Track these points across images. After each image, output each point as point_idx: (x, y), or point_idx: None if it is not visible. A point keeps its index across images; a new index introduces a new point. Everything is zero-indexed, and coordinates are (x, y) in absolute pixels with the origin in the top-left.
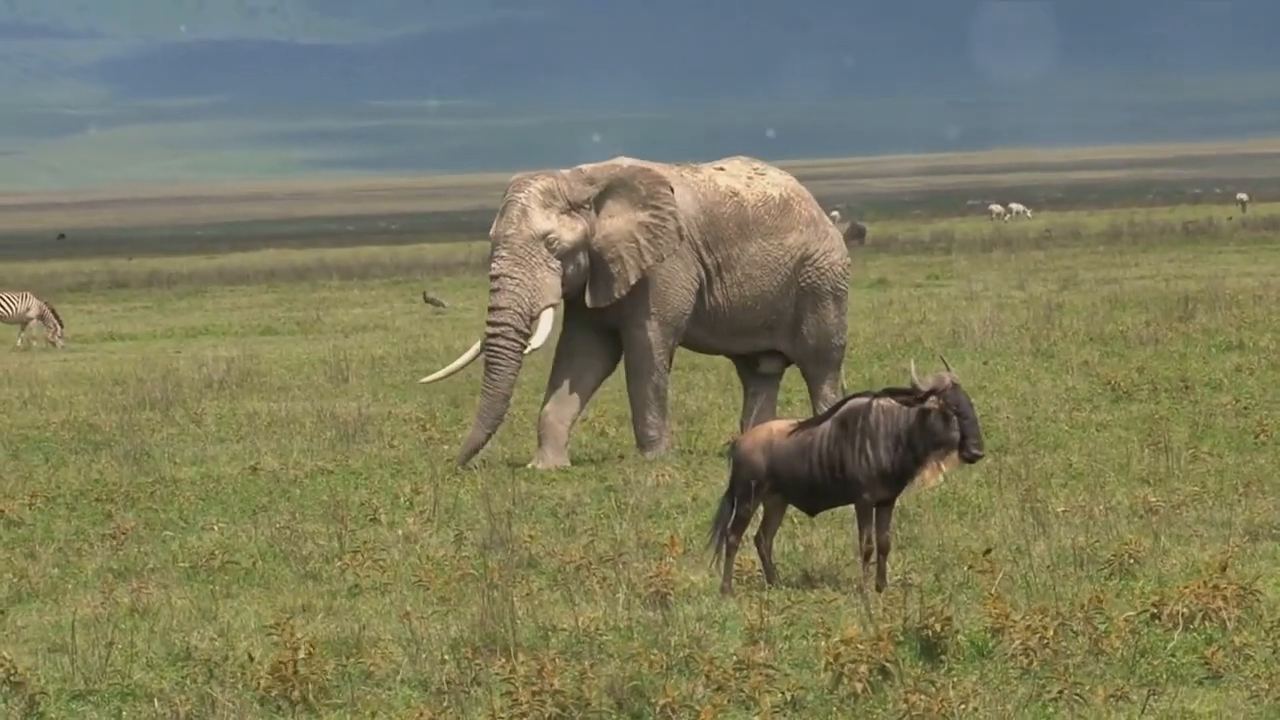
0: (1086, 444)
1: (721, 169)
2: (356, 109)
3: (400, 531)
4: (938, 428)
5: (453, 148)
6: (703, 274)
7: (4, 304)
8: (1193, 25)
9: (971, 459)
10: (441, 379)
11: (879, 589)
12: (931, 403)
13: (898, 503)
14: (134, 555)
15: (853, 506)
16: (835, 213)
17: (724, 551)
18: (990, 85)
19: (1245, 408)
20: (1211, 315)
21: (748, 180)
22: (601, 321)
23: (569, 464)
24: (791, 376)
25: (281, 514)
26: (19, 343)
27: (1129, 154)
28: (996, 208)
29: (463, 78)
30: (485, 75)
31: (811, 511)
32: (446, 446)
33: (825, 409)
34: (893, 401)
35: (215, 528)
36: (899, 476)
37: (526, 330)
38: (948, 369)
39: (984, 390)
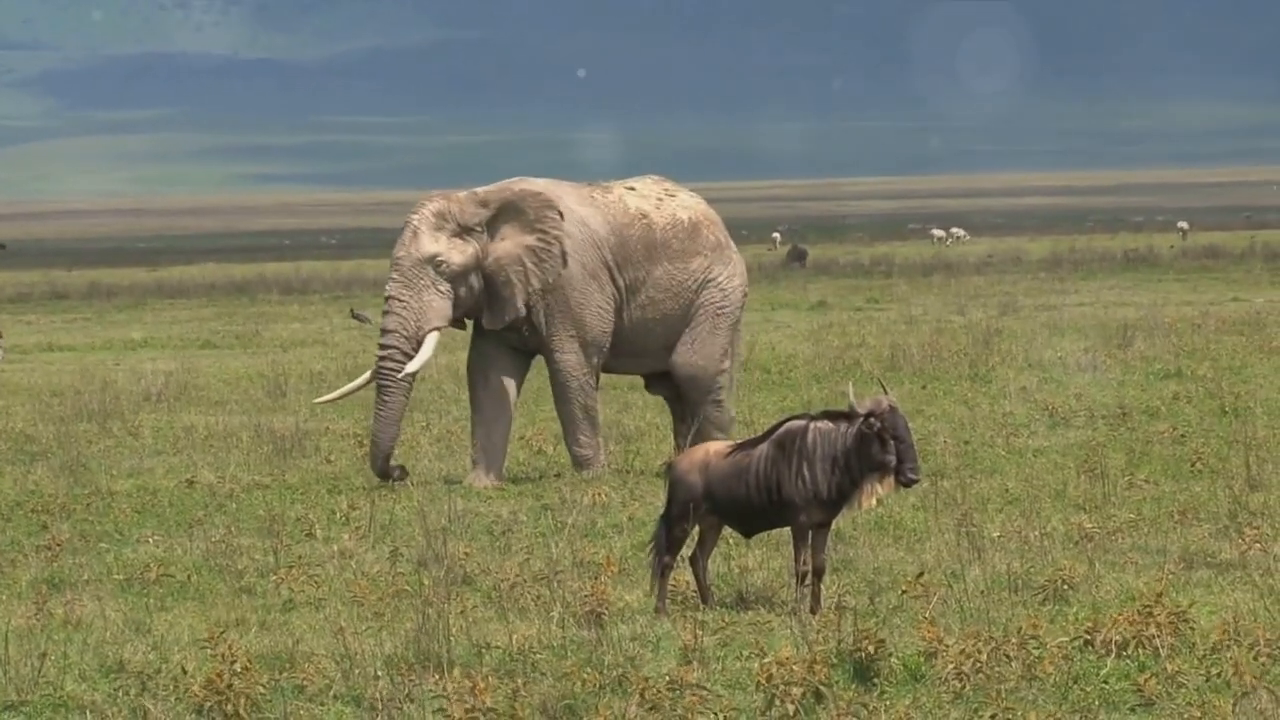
0: (1023, 469)
1: (632, 189)
2: (300, 124)
3: (336, 547)
4: (874, 450)
5: (395, 165)
6: (615, 294)
7: None
8: (1136, 54)
9: (908, 483)
10: (336, 400)
11: (814, 611)
12: (868, 425)
13: (834, 525)
14: (69, 567)
15: (789, 529)
16: (777, 234)
17: (660, 572)
18: (933, 111)
19: (1182, 435)
20: (1150, 343)
21: (657, 202)
22: (521, 343)
23: (504, 484)
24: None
25: (217, 528)
26: None
27: (1070, 181)
28: (938, 232)
29: (406, 95)
30: (428, 93)
31: (748, 533)
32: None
33: (691, 437)
34: (830, 424)
35: (151, 540)
36: (835, 499)
37: (413, 352)
38: (885, 392)
39: (922, 414)
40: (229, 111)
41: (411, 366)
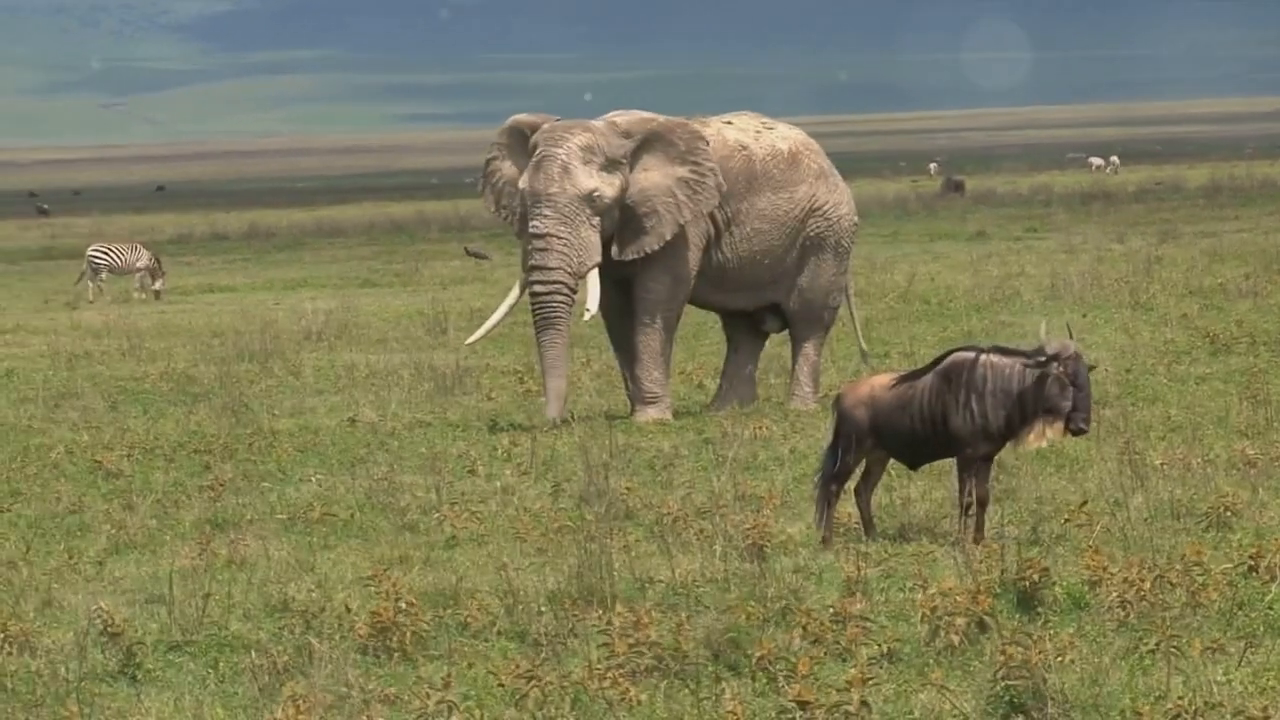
0: (1185, 397)
1: (729, 123)
2: (455, 63)
3: (498, 483)
4: (1053, 394)
5: (550, 103)
6: (711, 229)
7: (113, 254)
8: None
9: (1077, 432)
10: (485, 335)
11: (977, 541)
12: (1052, 368)
13: (996, 456)
14: (232, 507)
15: (953, 460)
16: (933, 165)
17: (825, 504)
18: (1091, 39)
19: None
20: None
21: (756, 134)
22: (615, 274)
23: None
24: (899, 325)
25: (379, 466)
26: (136, 294)
27: (1230, 108)
28: (1096, 160)
29: (561, 32)
30: (583, 30)
31: (914, 465)
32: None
33: (806, 369)
34: (1003, 358)
35: (313, 479)
36: (1003, 434)
37: (575, 288)
38: (1072, 337)
39: (1083, 342)
40: (384, 51)
41: (591, 305)
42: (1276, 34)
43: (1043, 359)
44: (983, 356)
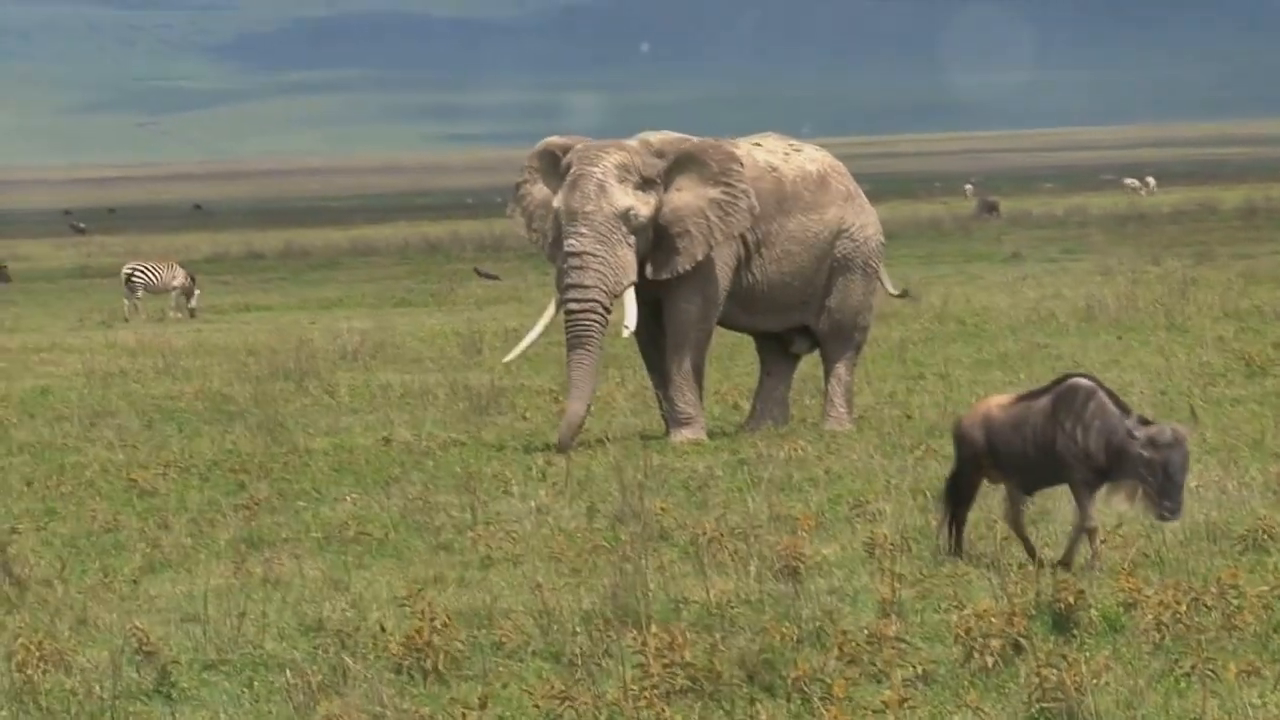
0: (1220, 419)
1: (758, 144)
2: (490, 83)
3: (532, 503)
4: (1143, 470)
5: (583, 124)
6: (741, 251)
7: (150, 273)
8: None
9: (1160, 519)
10: (522, 353)
11: (1066, 566)
12: (1147, 452)
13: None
14: (267, 526)
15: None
16: (969, 187)
17: (949, 525)
18: (1124, 61)
19: None
20: None
21: (785, 156)
22: (647, 294)
23: (704, 438)
24: (933, 346)
25: (414, 485)
26: (172, 313)
27: (1263, 129)
28: (1132, 182)
29: (595, 53)
30: (618, 50)
31: (1028, 489)
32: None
33: (840, 390)
34: (1114, 406)
35: (348, 499)
36: (1106, 467)
37: (610, 307)
38: (1194, 415)
39: (1118, 364)
40: (419, 70)
41: (630, 322)
42: None
43: (1138, 436)
44: (1099, 392)
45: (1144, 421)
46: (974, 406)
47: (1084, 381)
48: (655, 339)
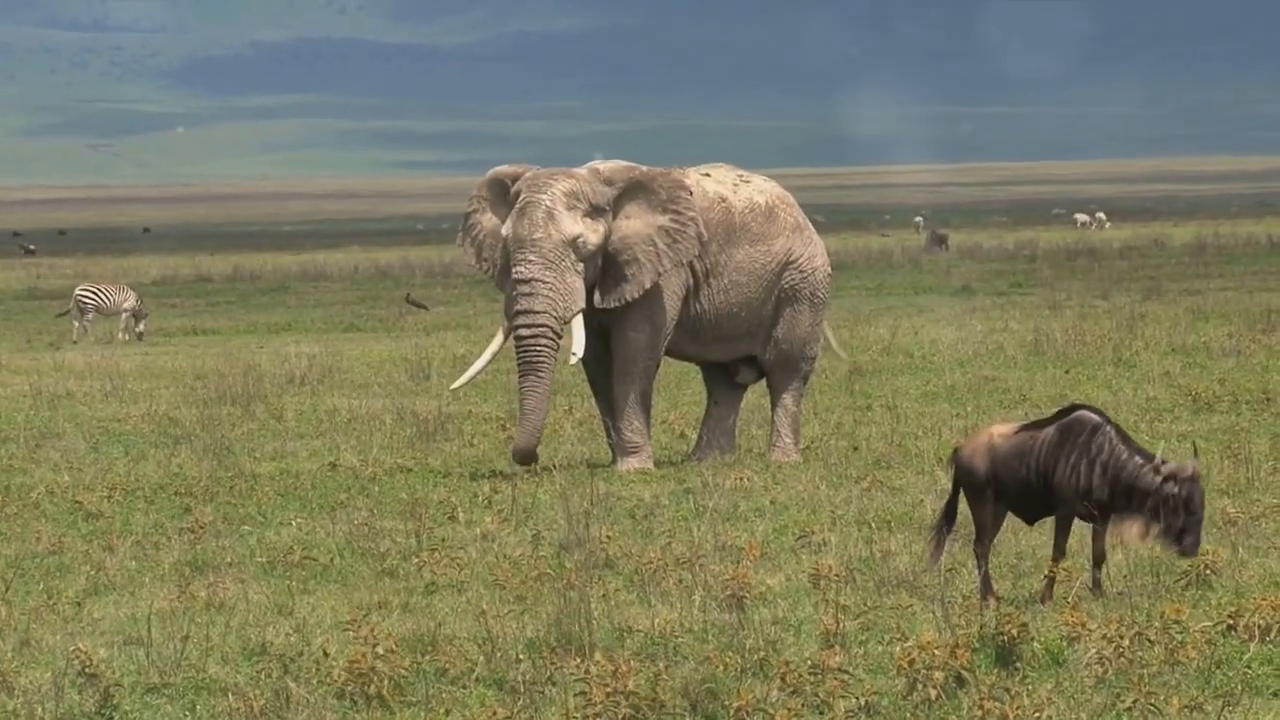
0: (1167, 454)
1: (707, 175)
2: (443, 110)
3: (478, 530)
4: (1160, 509)
5: (536, 152)
6: (689, 280)
7: (100, 295)
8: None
9: (1183, 554)
10: (469, 381)
11: (1095, 594)
12: (1168, 488)
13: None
14: (211, 549)
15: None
16: (919, 219)
17: (979, 559)
18: (1078, 97)
19: None
20: None
21: (734, 186)
22: (594, 322)
23: (651, 466)
24: (881, 379)
25: (360, 511)
26: (121, 335)
27: (1214, 166)
28: (1082, 217)
29: (548, 81)
30: (571, 79)
31: (1029, 520)
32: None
33: (787, 421)
34: (1123, 444)
35: (293, 523)
36: (1105, 502)
37: (560, 333)
38: (1196, 454)
39: (1065, 399)
40: (373, 97)
41: (577, 349)
42: (1270, 93)
43: (1158, 475)
44: (1107, 427)
45: (1149, 456)
46: (973, 435)
47: (1091, 415)
48: (603, 366)
